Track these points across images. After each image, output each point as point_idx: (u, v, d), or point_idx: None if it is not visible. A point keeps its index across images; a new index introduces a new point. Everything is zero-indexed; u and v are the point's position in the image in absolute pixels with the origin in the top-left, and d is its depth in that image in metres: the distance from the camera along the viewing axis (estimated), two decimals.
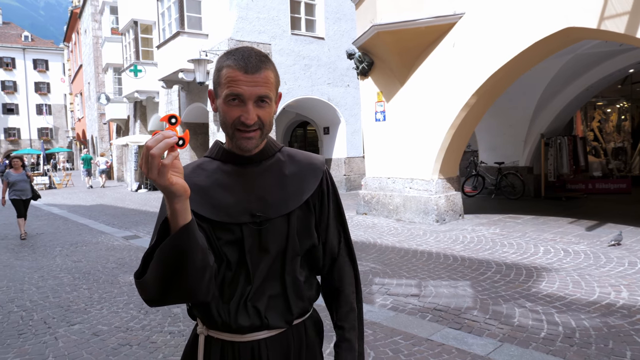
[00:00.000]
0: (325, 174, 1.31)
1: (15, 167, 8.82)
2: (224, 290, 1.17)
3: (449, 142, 8.23)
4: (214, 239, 1.16)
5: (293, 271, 1.23)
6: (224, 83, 1.13)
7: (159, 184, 0.91)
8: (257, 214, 1.18)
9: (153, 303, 1.06)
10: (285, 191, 1.23)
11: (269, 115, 1.16)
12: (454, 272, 5.36)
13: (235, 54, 1.14)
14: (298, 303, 1.24)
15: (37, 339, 3.90)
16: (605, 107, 13.47)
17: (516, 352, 3.31)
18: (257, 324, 1.17)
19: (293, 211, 1.22)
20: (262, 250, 1.19)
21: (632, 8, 5.85)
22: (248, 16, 12.75)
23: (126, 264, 6.46)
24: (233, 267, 1.17)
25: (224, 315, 1.17)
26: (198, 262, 1.00)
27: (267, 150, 1.25)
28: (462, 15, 7.79)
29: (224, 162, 1.22)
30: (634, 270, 5.11)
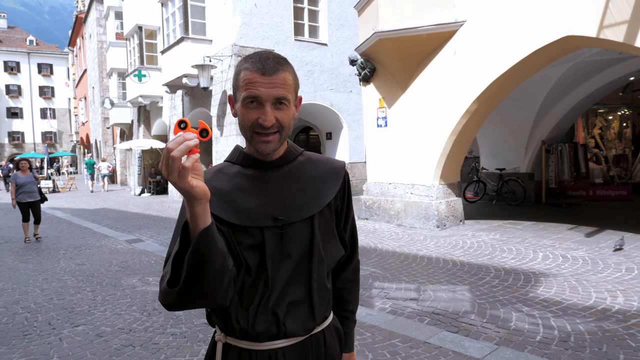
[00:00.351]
0: (345, 178, 1.32)
1: (23, 169, 8.74)
2: (243, 296, 1.16)
3: (449, 148, 8.30)
4: (234, 243, 1.15)
5: (320, 277, 1.22)
6: (241, 86, 1.13)
7: (179, 186, 0.91)
8: (279, 218, 1.17)
9: (172, 307, 1.05)
10: (307, 195, 1.23)
11: (288, 118, 1.15)
12: (453, 277, 5.42)
13: (252, 57, 1.14)
14: (322, 311, 1.24)
15: (42, 339, 3.97)
16: (606, 114, 13.52)
17: (511, 355, 3.37)
18: (274, 332, 1.16)
19: (315, 215, 1.21)
20: (284, 255, 1.18)
21: (631, 17, 5.92)
22: (252, 22, 12.89)
23: (129, 267, 6.54)
24: (253, 273, 1.16)
25: (242, 321, 1.16)
26: (217, 266, 1.00)
27: (288, 155, 1.25)
28: (463, 23, 7.88)
29: (245, 167, 1.23)
30: (630, 276, 5.16)
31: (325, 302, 1.25)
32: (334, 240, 1.27)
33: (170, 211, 13.10)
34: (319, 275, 1.22)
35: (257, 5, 12.94)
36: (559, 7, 6.63)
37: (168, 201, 16.08)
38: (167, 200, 16.56)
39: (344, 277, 1.40)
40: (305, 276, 1.20)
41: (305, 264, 1.20)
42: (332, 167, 1.31)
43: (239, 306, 1.16)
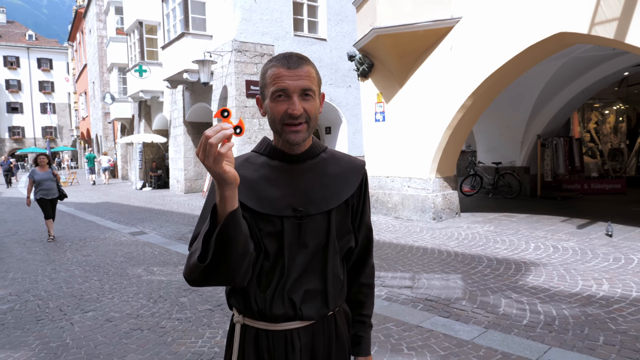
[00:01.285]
0: (364, 177, 1.39)
1: (41, 164, 8.27)
2: (261, 279, 1.25)
3: (445, 143, 8.49)
4: (256, 229, 1.23)
5: (335, 268, 1.30)
6: (269, 82, 1.21)
7: (214, 170, 0.98)
8: (299, 209, 1.25)
9: (196, 283, 1.13)
10: (327, 190, 1.29)
11: (314, 109, 1.22)
12: (446, 266, 5.63)
13: (277, 57, 1.24)
14: (336, 300, 1.33)
15: (54, 324, 4.18)
16: (602, 109, 13.70)
17: (499, 337, 3.58)
18: (291, 314, 1.25)
19: (333, 209, 1.29)
20: (300, 245, 1.25)
21: (621, 14, 6.10)
22: (252, 18, 13.03)
23: (134, 258, 6.75)
24: (271, 258, 1.24)
25: (260, 303, 1.25)
26: (240, 248, 1.08)
27: (312, 150, 1.32)
28: (459, 19, 8.05)
29: (271, 158, 1.30)
30: (617, 265, 5.37)
31: (339, 291, 1.33)
32: (348, 236, 1.34)
33: (171, 205, 13.30)
34: (334, 266, 1.30)
35: (257, 1, 13.08)
36: (552, 5, 6.80)
37: (169, 195, 16.28)
38: (168, 194, 16.77)
39: (361, 281, 1.45)
40: (321, 267, 1.28)
41: (321, 256, 1.28)
42: (353, 165, 1.38)
43: (257, 288, 1.25)
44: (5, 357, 3.53)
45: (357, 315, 1.46)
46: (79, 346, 3.67)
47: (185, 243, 7.73)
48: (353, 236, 1.36)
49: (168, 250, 7.25)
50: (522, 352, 3.31)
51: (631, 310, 4.01)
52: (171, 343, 3.67)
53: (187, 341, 3.70)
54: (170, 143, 17.68)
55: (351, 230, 1.35)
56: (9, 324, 4.22)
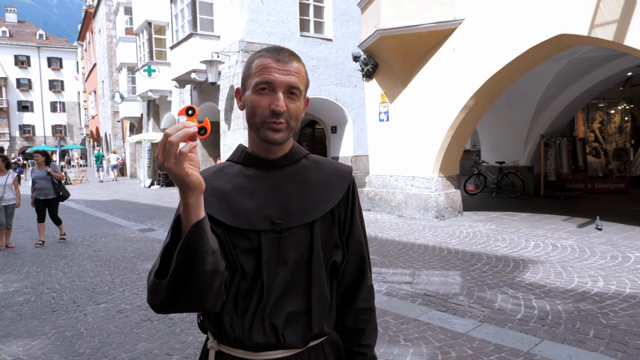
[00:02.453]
0: (351, 184, 1.25)
1: (37, 162, 7.89)
2: (238, 302, 1.11)
3: (448, 142, 8.62)
4: (230, 246, 1.11)
5: (321, 286, 1.16)
6: (254, 73, 1.11)
7: (174, 173, 0.88)
8: (277, 222, 1.12)
9: (160, 309, 1.00)
10: (309, 199, 1.17)
11: (298, 110, 1.12)
12: (446, 263, 5.78)
13: (267, 48, 1.14)
14: (321, 322, 1.17)
15: (69, 315, 4.39)
16: (606, 108, 13.74)
17: (493, 331, 3.73)
18: (274, 342, 1.11)
19: (316, 221, 1.16)
20: (280, 261, 1.12)
21: (620, 17, 6.21)
22: (258, 18, 13.21)
23: (143, 254, 6.96)
24: (248, 278, 1.11)
25: (237, 330, 1.10)
26: (208, 265, 0.95)
27: (291, 155, 1.20)
28: (461, 21, 8.17)
29: (246, 166, 1.18)
30: (614, 263, 5.49)
31: (325, 313, 1.18)
32: (336, 250, 1.20)
33: None
34: (320, 285, 1.16)
35: (264, 2, 13.26)
36: (553, 7, 6.91)
37: (177, 193, 16.46)
38: (177, 192, 16.98)
39: (357, 306, 1.25)
40: (305, 286, 1.15)
41: (304, 273, 1.14)
42: (337, 172, 1.24)
43: (233, 313, 1.11)
44: (23, 344, 3.73)
45: (357, 347, 1.25)
46: (93, 335, 3.87)
47: None
48: (340, 250, 1.20)
49: None
50: (515, 344, 3.46)
51: (623, 306, 4.14)
52: (179, 333, 3.86)
53: (194, 331, 3.89)
54: None
55: (339, 245, 1.20)
56: (25, 315, 4.44)
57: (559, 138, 11.23)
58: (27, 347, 3.68)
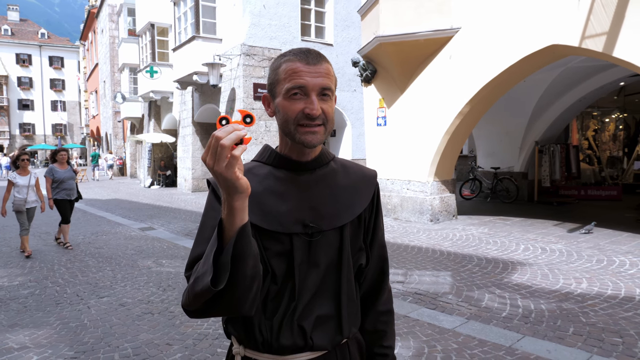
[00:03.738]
0: (376, 188, 1.27)
1: (61, 161, 7.50)
2: (267, 305, 1.11)
3: (444, 147, 8.82)
4: (262, 248, 1.09)
5: (350, 290, 1.18)
6: (283, 78, 1.09)
7: (225, 176, 0.87)
8: (310, 225, 1.12)
9: (195, 314, 1.01)
10: (339, 203, 1.18)
11: (332, 110, 1.11)
12: (438, 264, 5.96)
13: (292, 51, 1.13)
14: (351, 326, 1.19)
15: (73, 307, 4.57)
16: (600, 117, 13.97)
17: (478, 327, 3.92)
18: (301, 345, 1.11)
19: (345, 225, 1.17)
20: (311, 264, 1.13)
21: (609, 29, 6.42)
22: (260, 23, 13.44)
23: (144, 251, 7.14)
24: (279, 281, 1.11)
25: (265, 332, 1.11)
26: (249, 270, 0.94)
27: (322, 158, 1.19)
28: (458, 29, 8.38)
29: (277, 168, 1.17)
30: (599, 266, 5.68)
31: (354, 316, 1.20)
32: (361, 253, 1.22)
33: (179, 203, 13.71)
34: (349, 288, 1.18)
35: (266, 7, 13.49)
36: (546, 18, 7.13)
37: (177, 193, 16.70)
38: (176, 192, 17.19)
39: (378, 309, 1.29)
40: (334, 289, 1.16)
41: (334, 276, 1.16)
42: (363, 176, 1.26)
43: (262, 315, 1.11)
44: (29, 334, 3.91)
45: (378, 348, 1.29)
46: (96, 326, 4.05)
47: (193, 239, 8.11)
48: (364, 253, 1.23)
49: (176, 245, 7.63)
50: (498, 340, 3.65)
51: (603, 305, 4.34)
52: (179, 325, 4.04)
53: (193, 324, 4.07)
54: (179, 143, 18.12)
55: (363, 248, 1.22)
56: (30, 307, 4.61)
57: (553, 145, 11.45)
58: (33, 336, 3.86)
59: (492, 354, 3.39)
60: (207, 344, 3.64)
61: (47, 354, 3.50)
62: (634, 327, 3.81)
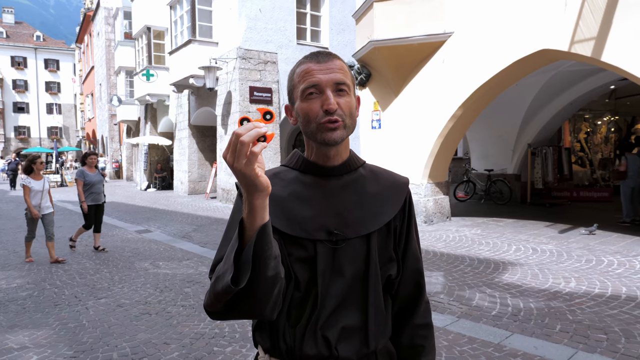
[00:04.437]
0: (408, 196, 1.23)
1: (90, 165, 7.36)
2: (291, 312, 1.10)
3: (437, 150, 8.95)
4: (285, 254, 1.08)
5: (377, 301, 1.14)
6: (298, 81, 1.10)
7: (245, 173, 0.87)
8: (334, 232, 1.10)
9: (217, 316, 1.00)
10: (366, 210, 1.15)
11: (350, 106, 1.09)
12: (431, 265, 6.07)
13: (304, 56, 1.14)
14: (378, 338, 1.14)
15: (71, 308, 4.64)
16: (592, 119, 14.15)
17: (468, 325, 4.02)
18: (326, 355, 1.08)
19: (373, 233, 1.13)
20: (335, 273, 1.10)
21: (597, 35, 6.56)
22: (256, 26, 13.54)
23: (141, 253, 7.21)
24: (302, 288, 1.09)
25: (289, 340, 1.09)
26: (270, 271, 0.93)
27: (349, 164, 1.17)
28: (451, 34, 8.52)
29: (303, 173, 1.16)
30: (588, 266, 5.80)
31: (382, 328, 1.15)
32: (391, 264, 1.17)
33: (175, 205, 13.78)
34: (377, 299, 1.14)
35: (262, 11, 13.60)
36: (536, 23, 7.27)
37: (173, 196, 16.76)
38: (172, 195, 17.25)
39: (415, 322, 1.22)
40: (361, 300, 1.12)
41: (360, 287, 1.12)
42: (395, 183, 1.23)
43: (286, 323, 1.10)
44: (29, 334, 3.99)
45: None
46: (95, 326, 4.13)
47: (189, 241, 8.19)
48: (395, 264, 1.18)
49: (173, 247, 7.71)
50: (487, 337, 3.76)
51: (590, 304, 4.45)
52: (176, 325, 4.13)
53: (190, 324, 4.16)
54: (175, 145, 18.18)
55: (394, 258, 1.18)
56: (29, 308, 4.69)
57: (545, 147, 11.60)
58: (32, 336, 3.94)
59: (480, 351, 3.50)
60: (203, 342, 3.73)
61: (46, 353, 3.58)
62: (618, 324, 3.93)
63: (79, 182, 7.20)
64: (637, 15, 6.16)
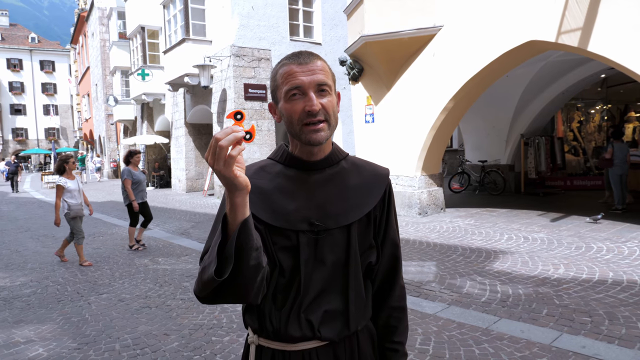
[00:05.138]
0: (388, 187, 1.29)
1: (135, 163, 7.41)
2: (277, 296, 1.17)
3: (430, 142, 9.07)
4: (270, 243, 1.16)
5: (357, 287, 1.21)
6: (281, 83, 1.15)
7: (224, 175, 0.93)
8: (316, 223, 1.17)
9: (206, 300, 1.07)
10: (347, 202, 1.21)
11: (332, 105, 1.15)
12: (424, 255, 6.21)
13: (286, 56, 1.18)
14: (359, 320, 1.22)
15: (74, 304, 4.78)
16: (584, 108, 14.28)
17: (458, 312, 4.17)
18: (309, 335, 1.17)
19: (353, 223, 1.20)
20: (318, 261, 1.17)
21: (584, 25, 6.68)
22: (249, 24, 13.62)
23: (140, 251, 7.34)
24: (286, 275, 1.17)
25: (275, 322, 1.17)
26: (252, 260, 1.00)
27: (332, 157, 1.23)
28: (441, 27, 8.62)
29: (288, 167, 1.22)
30: (577, 253, 5.95)
31: (361, 312, 1.23)
32: (370, 251, 1.24)
33: (173, 203, 13.90)
34: (357, 285, 1.21)
35: (254, 8, 13.67)
36: (524, 15, 7.38)
37: (171, 194, 16.87)
38: (170, 193, 17.36)
39: (390, 304, 1.31)
40: (342, 286, 1.20)
41: (341, 273, 1.19)
42: (376, 174, 1.29)
43: (272, 306, 1.18)
44: (34, 329, 4.12)
45: (388, 343, 1.32)
46: (97, 320, 4.27)
47: (187, 238, 8.33)
48: (375, 251, 1.26)
49: (171, 243, 7.85)
50: (475, 322, 3.90)
51: (577, 289, 4.60)
52: (176, 317, 4.27)
53: (189, 315, 4.30)
54: (172, 144, 18.28)
55: (373, 245, 1.25)
56: (33, 304, 4.82)
57: (538, 137, 11.73)
58: (38, 330, 4.08)
59: (469, 335, 3.64)
60: (202, 333, 3.87)
61: (52, 346, 3.71)
62: (603, 308, 4.07)
63: (128, 182, 7.18)
64: (621, 5, 6.28)
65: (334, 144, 1.25)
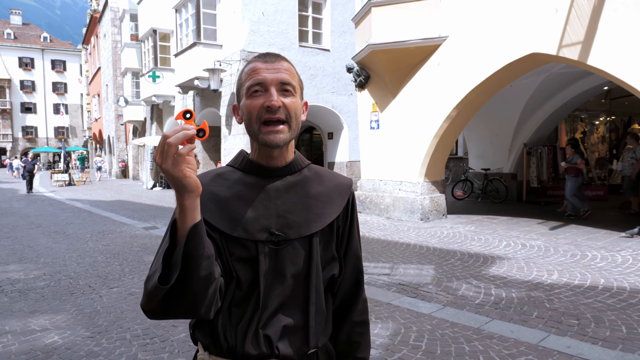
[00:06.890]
0: (351, 197, 1.24)
1: None
2: (232, 311, 1.10)
3: (433, 149, 9.27)
4: (226, 254, 1.09)
5: (319, 301, 1.16)
6: (245, 79, 1.12)
7: (172, 174, 0.89)
8: (276, 232, 1.11)
9: (154, 314, 0.99)
10: (309, 212, 1.16)
11: (295, 107, 1.10)
12: (423, 259, 6.41)
13: (254, 56, 1.17)
14: (319, 336, 1.16)
15: (86, 296, 5.01)
16: (588, 120, 14.43)
17: (452, 312, 4.36)
18: (267, 353, 1.09)
19: (315, 234, 1.14)
20: (278, 273, 1.11)
21: (584, 39, 6.87)
22: (259, 29, 13.91)
23: (149, 248, 7.58)
24: (244, 288, 1.10)
25: (230, 339, 1.09)
26: (202, 271, 0.94)
27: (293, 165, 1.18)
28: (446, 38, 8.84)
29: (247, 173, 1.16)
30: (572, 260, 6.12)
31: (322, 327, 1.17)
32: (332, 263, 1.19)
33: None
34: (318, 298, 1.15)
35: (265, 14, 13.96)
36: (526, 28, 7.59)
37: None
38: None
39: (352, 319, 1.26)
40: (302, 299, 1.14)
41: (302, 286, 1.14)
42: (338, 184, 1.24)
43: (227, 322, 1.10)
44: (49, 318, 4.36)
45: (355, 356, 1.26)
46: (108, 312, 4.50)
47: None
48: (337, 264, 1.21)
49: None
50: (468, 322, 4.09)
51: (568, 293, 4.78)
52: None
53: None
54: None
55: (336, 258, 1.20)
56: (47, 296, 5.06)
57: (540, 147, 11.90)
58: (52, 320, 4.31)
59: (460, 334, 3.83)
60: None
61: (66, 334, 3.94)
62: (591, 312, 4.25)
63: None
64: (620, 20, 6.47)
65: (296, 151, 1.22)
